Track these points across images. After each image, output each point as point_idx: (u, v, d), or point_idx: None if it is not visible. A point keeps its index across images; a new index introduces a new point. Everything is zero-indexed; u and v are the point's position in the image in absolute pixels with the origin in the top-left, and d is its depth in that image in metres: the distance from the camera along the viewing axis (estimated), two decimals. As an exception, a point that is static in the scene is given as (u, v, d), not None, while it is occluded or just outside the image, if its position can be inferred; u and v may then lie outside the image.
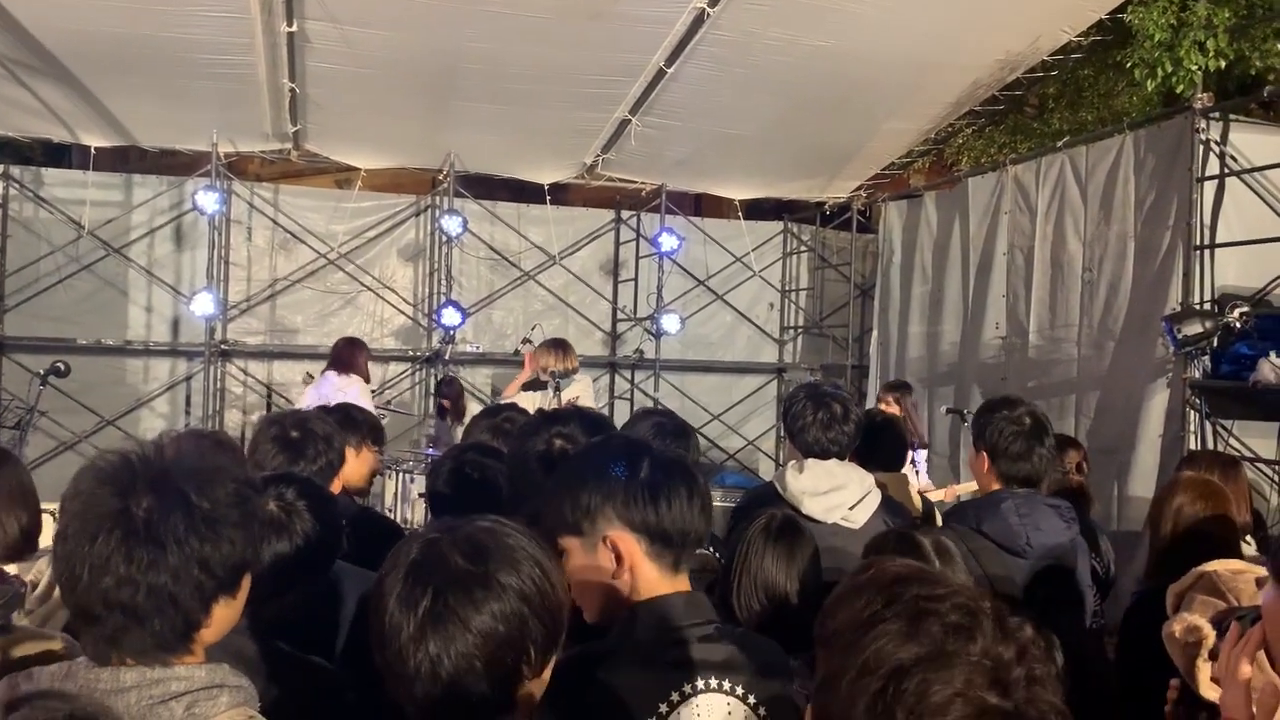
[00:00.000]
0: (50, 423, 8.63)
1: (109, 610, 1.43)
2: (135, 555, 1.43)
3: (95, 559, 1.42)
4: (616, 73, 8.18)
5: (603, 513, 1.81)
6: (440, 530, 1.49)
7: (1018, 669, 1.06)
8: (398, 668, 1.41)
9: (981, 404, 3.42)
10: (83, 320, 9.51)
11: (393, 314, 10.51)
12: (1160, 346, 6.65)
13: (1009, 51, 7.99)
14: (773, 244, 11.72)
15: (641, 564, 1.81)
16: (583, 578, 1.83)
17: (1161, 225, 6.84)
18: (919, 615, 1.09)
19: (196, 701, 1.44)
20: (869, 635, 1.10)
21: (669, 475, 1.84)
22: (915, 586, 1.14)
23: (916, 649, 1.06)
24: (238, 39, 7.42)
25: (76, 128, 9.08)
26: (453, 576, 1.41)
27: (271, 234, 10.15)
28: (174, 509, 1.46)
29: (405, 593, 1.41)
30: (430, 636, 1.38)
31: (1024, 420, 3.24)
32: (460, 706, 1.41)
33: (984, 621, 1.08)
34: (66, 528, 1.45)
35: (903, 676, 1.06)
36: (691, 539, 1.86)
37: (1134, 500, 6.76)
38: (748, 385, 11.59)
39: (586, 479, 1.83)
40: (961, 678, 1.04)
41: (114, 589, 1.42)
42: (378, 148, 9.80)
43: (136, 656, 1.46)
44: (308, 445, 3.00)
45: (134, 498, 1.45)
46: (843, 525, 3.13)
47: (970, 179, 9.00)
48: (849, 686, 1.09)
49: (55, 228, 9.51)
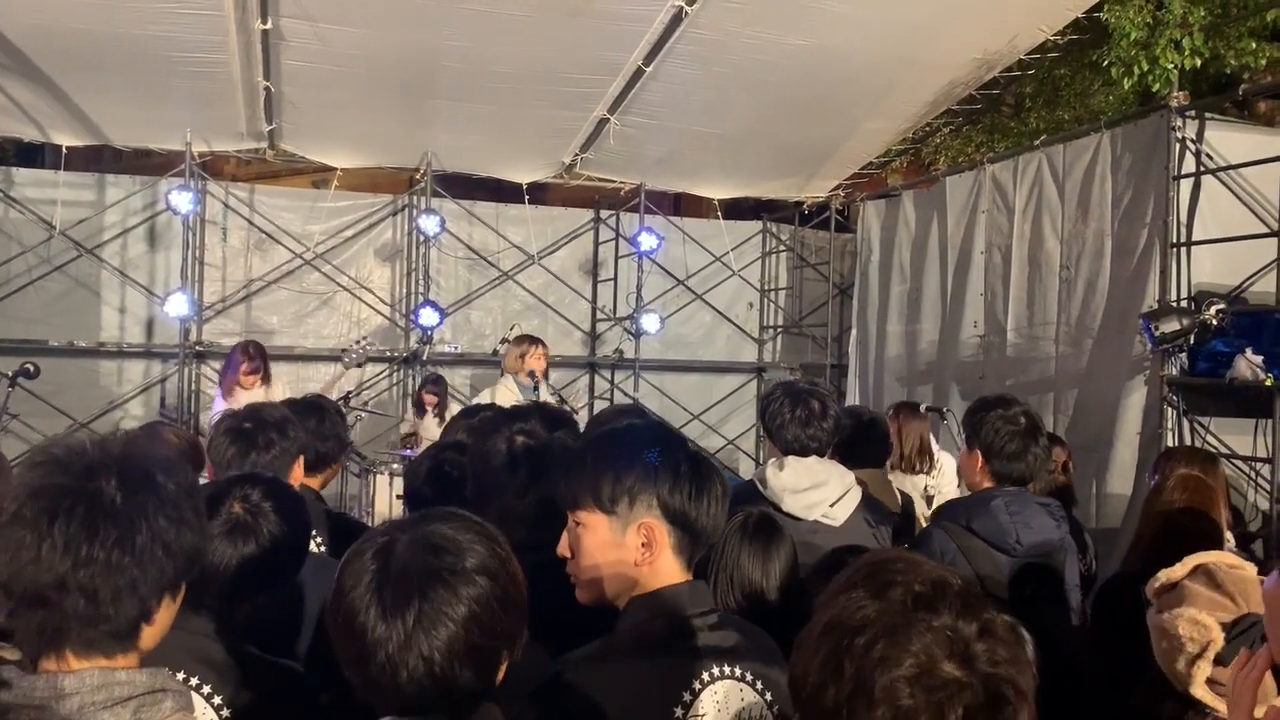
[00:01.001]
0: (22, 426, 8.50)
1: (63, 594, 1.36)
2: (103, 532, 1.38)
3: (55, 538, 1.36)
4: (595, 71, 8.14)
5: (643, 498, 1.81)
6: (389, 535, 1.46)
7: (979, 644, 1.08)
8: (384, 677, 1.39)
9: (974, 402, 3.38)
10: (55, 322, 9.39)
11: (370, 314, 10.44)
12: (1138, 344, 6.68)
13: (986, 50, 8.01)
14: (752, 243, 11.72)
15: (664, 554, 1.83)
16: (599, 556, 1.83)
17: (1138, 223, 6.86)
18: (886, 584, 1.14)
19: (142, 706, 1.39)
20: (838, 600, 1.16)
21: (709, 472, 1.87)
22: (895, 564, 1.18)
23: (874, 612, 1.11)
24: (212, 36, 7.35)
25: (48, 127, 8.96)
26: (426, 575, 1.40)
27: (247, 234, 10.05)
28: (142, 487, 1.43)
29: (383, 604, 1.38)
30: (420, 640, 1.37)
31: (1019, 420, 3.22)
32: (452, 698, 1.41)
33: (949, 595, 1.12)
34: (20, 509, 1.38)
35: (856, 633, 1.11)
36: (713, 539, 1.92)
37: (1112, 497, 6.79)
38: (727, 385, 11.59)
39: (635, 462, 1.83)
40: (919, 642, 1.07)
41: (72, 571, 1.36)
42: (354, 147, 9.72)
43: (83, 649, 1.40)
44: (259, 434, 2.96)
45: (101, 476, 1.41)
46: (823, 522, 3.11)
47: (948, 178, 9.01)
48: (812, 643, 1.15)
49: (26, 228, 9.38)
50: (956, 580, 1.15)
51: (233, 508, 2.21)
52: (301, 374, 9.65)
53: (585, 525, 1.84)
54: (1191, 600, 1.91)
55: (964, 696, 1.05)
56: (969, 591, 1.13)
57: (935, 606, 1.10)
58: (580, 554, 1.86)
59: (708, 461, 1.91)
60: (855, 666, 1.09)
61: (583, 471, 1.87)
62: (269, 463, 2.92)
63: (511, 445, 2.48)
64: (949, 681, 1.05)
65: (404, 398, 10.27)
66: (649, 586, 1.82)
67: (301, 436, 3.17)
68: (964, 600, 1.11)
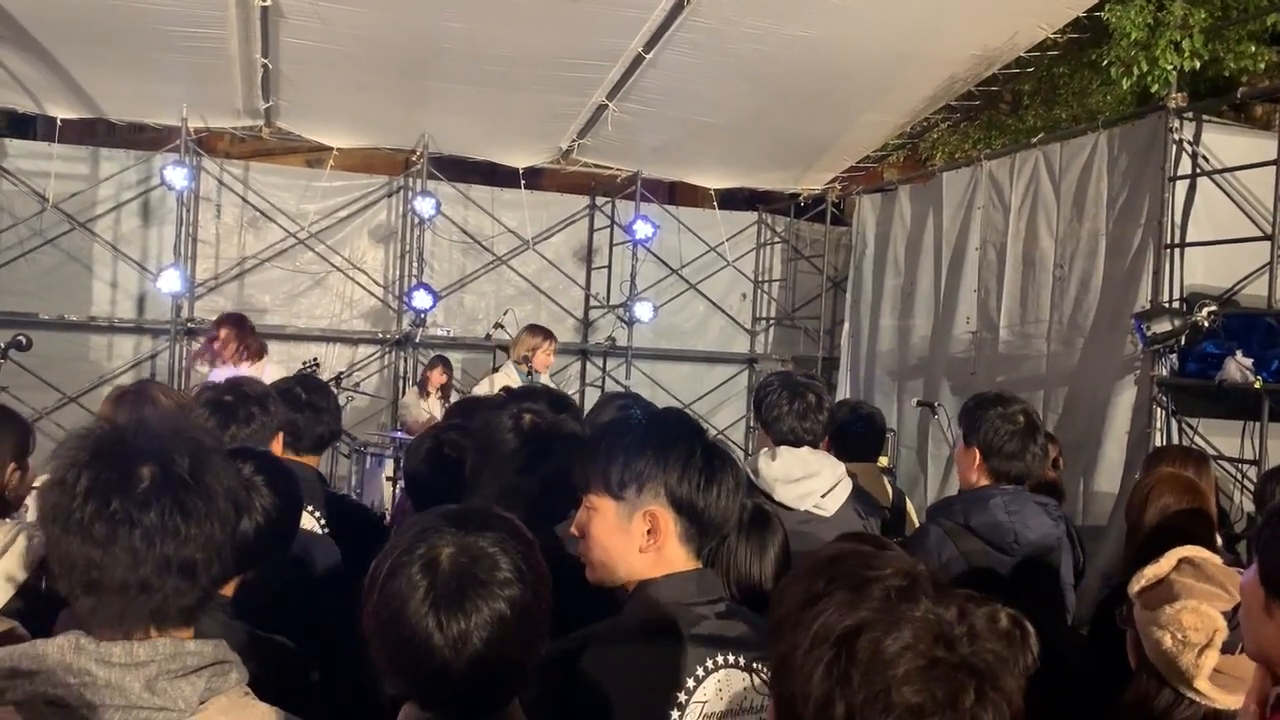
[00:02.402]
0: (10, 398, 8.46)
1: (164, 576, 1.39)
2: (193, 509, 1.41)
3: (149, 521, 1.37)
4: (594, 57, 8.12)
5: (651, 485, 1.83)
6: (432, 545, 1.48)
7: (959, 626, 1.08)
8: (441, 679, 1.43)
9: (971, 399, 3.36)
10: (46, 295, 9.35)
11: (363, 295, 10.41)
12: (1129, 344, 6.70)
13: (986, 47, 8.01)
14: (747, 234, 11.72)
15: (671, 542, 1.84)
16: (606, 540, 1.86)
17: (1133, 223, 6.88)
18: (861, 583, 1.11)
19: (214, 676, 1.42)
20: (814, 609, 1.12)
21: (722, 463, 1.88)
22: (853, 560, 1.16)
23: (863, 613, 1.09)
24: (210, 11, 7.31)
25: (42, 98, 8.90)
26: (476, 585, 1.44)
27: (241, 212, 10.02)
28: (208, 454, 1.47)
29: (438, 615, 1.42)
30: (475, 645, 1.42)
31: (1018, 419, 3.21)
32: (495, 698, 1.47)
33: (923, 584, 1.11)
34: (89, 494, 1.38)
35: (854, 638, 1.08)
36: (723, 530, 1.92)
37: (1099, 495, 6.82)
38: (719, 375, 11.60)
39: (645, 448, 1.85)
40: (910, 633, 1.06)
41: (174, 551, 1.39)
42: (351, 127, 9.68)
43: (158, 626, 1.42)
44: (239, 407, 2.96)
45: (172, 455, 1.43)
46: (814, 513, 3.12)
47: (945, 174, 9.02)
48: (802, 659, 1.11)
49: (18, 200, 9.33)
50: (920, 566, 1.15)
51: None
52: (293, 353, 9.61)
53: (595, 508, 1.87)
54: (1187, 593, 1.91)
55: (968, 678, 1.05)
56: (937, 578, 1.13)
57: (914, 596, 1.09)
58: (589, 536, 1.89)
59: (722, 453, 1.91)
60: (862, 672, 1.06)
61: (595, 455, 1.90)
62: (248, 436, 2.92)
63: (519, 422, 2.48)
64: (956, 666, 1.05)
65: (396, 379, 10.26)
66: (655, 573, 1.83)
67: (282, 413, 3.17)
68: (936, 587, 1.11)
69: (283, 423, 3.13)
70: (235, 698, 1.45)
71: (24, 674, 1.34)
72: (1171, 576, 1.97)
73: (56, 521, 1.39)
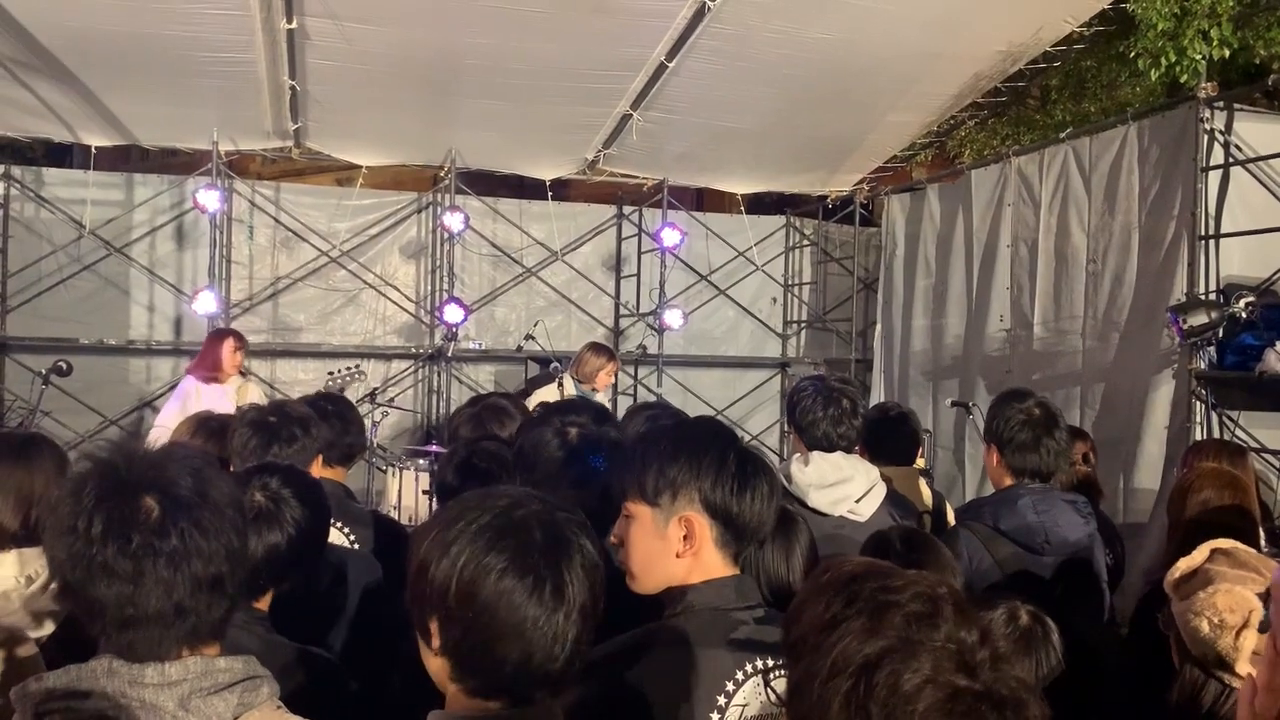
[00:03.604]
0: (53, 423, 8.61)
1: (197, 595, 1.41)
2: (209, 525, 1.43)
3: (171, 547, 1.39)
4: (618, 67, 8.15)
5: (685, 492, 1.85)
6: (508, 511, 1.44)
7: (982, 651, 1.06)
8: (535, 655, 1.39)
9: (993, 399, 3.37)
10: (85, 320, 9.50)
11: (395, 311, 10.49)
12: (1165, 337, 6.62)
13: (1011, 42, 7.96)
14: (775, 238, 11.69)
15: (707, 548, 1.85)
16: (644, 547, 1.88)
17: (1166, 215, 6.81)
18: (880, 608, 1.10)
19: (245, 691, 1.44)
20: (833, 635, 1.11)
21: (756, 470, 1.89)
22: (873, 581, 1.15)
23: (882, 642, 1.07)
24: (238, 36, 7.40)
25: (77, 127, 9.06)
26: (555, 545, 1.42)
27: (273, 232, 10.14)
28: (204, 469, 1.49)
29: (521, 572, 1.38)
30: (571, 616, 1.40)
31: (1032, 410, 3.19)
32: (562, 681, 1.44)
33: (944, 608, 1.10)
34: (105, 536, 1.38)
35: (873, 670, 1.06)
36: (760, 535, 1.93)
37: (1139, 492, 6.74)
38: (751, 380, 11.58)
39: (679, 454, 1.87)
40: (929, 664, 1.05)
41: (203, 569, 1.41)
42: (379, 145, 9.77)
43: (187, 644, 1.44)
44: (282, 429, 3.00)
45: (173, 479, 1.44)
46: (849, 518, 3.10)
47: (973, 171, 8.96)
48: (820, 689, 1.09)
49: (57, 227, 9.50)
50: (944, 589, 1.13)
51: (254, 497, 2.25)
52: (328, 370, 9.70)
53: (633, 516, 1.90)
54: (1220, 579, 1.89)
55: (990, 711, 1.04)
56: (959, 600, 1.12)
57: (935, 621, 1.08)
58: (629, 543, 1.91)
59: (757, 459, 1.92)
60: (882, 706, 1.05)
61: (631, 464, 1.92)
62: (290, 457, 2.96)
63: (564, 437, 2.49)
64: (979, 696, 1.04)
65: (430, 394, 10.32)
66: (692, 579, 1.85)
67: (324, 434, 3.21)
68: (958, 610, 1.10)
69: (324, 444, 3.17)
70: (268, 712, 1.46)
71: (80, 694, 1.37)
72: (1205, 566, 1.95)
73: (77, 568, 1.39)
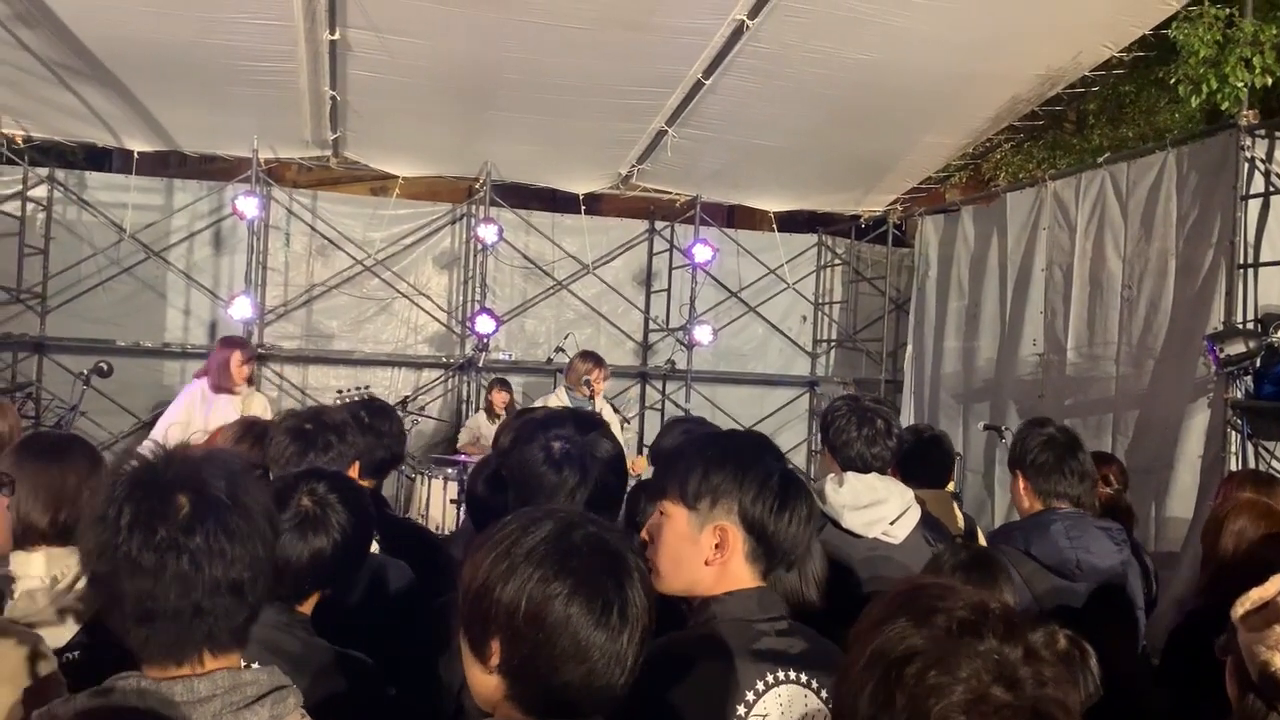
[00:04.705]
0: (89, 423, 8.72)
1: (216, 598, 1.41)
2: (236, 529, 1.43)
3: (195, 545, 1.39)
4: (654, 84, 8.18)
5: (725, 501, 1.86)
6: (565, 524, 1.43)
7: (1024, 669, 1.07)
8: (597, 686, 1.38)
9: None
10: (122, 322, 9.63)
11: (427, 321, 10.57)
12: (1201, 366, 6.57)
13: (1050, 66, 7.93)
14: (806, 256, 11.68)
15: (736, 559, 1.86)
16: (675, 547, 1.89)
17: (1204, 243, 6.76)
18: (928, 612, 1.13)
19: (275, 704, 1.44)
20: (880, 630, 1.15)
21: (798, 493, 1.89)
22: (928, 591, 1.18)
23: (920, 640, 1.10)
24: (280, 46, 7.50)
25: (120, 132, 9.21)
26: (617, 566, 1.41)
27: (309, 240, 10.24)
28: (240, 475, 1.49)
29: (590, 596, 1.37)
30: (633, 640, 1.39)
31: (1054, 434, 3.19)
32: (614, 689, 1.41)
33: (992, 621, 1.11)
34: (132, 527, 1.39)
35: (904, 663, 1.09)
36: (791, 557, 1.92)
37: (1172, 521, 6.68)
38: (780, 398, 11.55)
39: (725, 463, 1.87)
40: (966, 668, 1.07)
41: (223, 572, 1.41)
42: (415, 156, 9.86)
43: (212, 652, 1.44)
44: (318, 435, 3.03)
45: (207, 480, 1.45)
46: (883, 540, 3.09)
47: (1009, 194, 8.94)
48: (858, 675, 1.14)
49: (97, 230, 9.65)
50: (996, 604, 1.15)
51: (301, 501, 2.27)
52: (359, 378, 9.78)
53: (668, 515, 1.91)
54: None
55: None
56: (1010, 614, 1.13)
57: (980, 631, 1.09)
58: (659, 542, 1.92)
59: (799, 482, 1.93)
60: (907, 697, 1.08)
61: (677, 464, 1.93)
62: (326, 464, 2.98)
63: (550, 451, 2.42)
64: (1001, 706, 1.05)
65: (460, 403, 10.37)
66: (717, 589, 1.86)
67: (359, 442, 3.23)
68: (1006, 624, 1.11)
69: (359, 451, 3.19)
70: None
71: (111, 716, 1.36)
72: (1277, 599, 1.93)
73: (103, 558, 1.40)
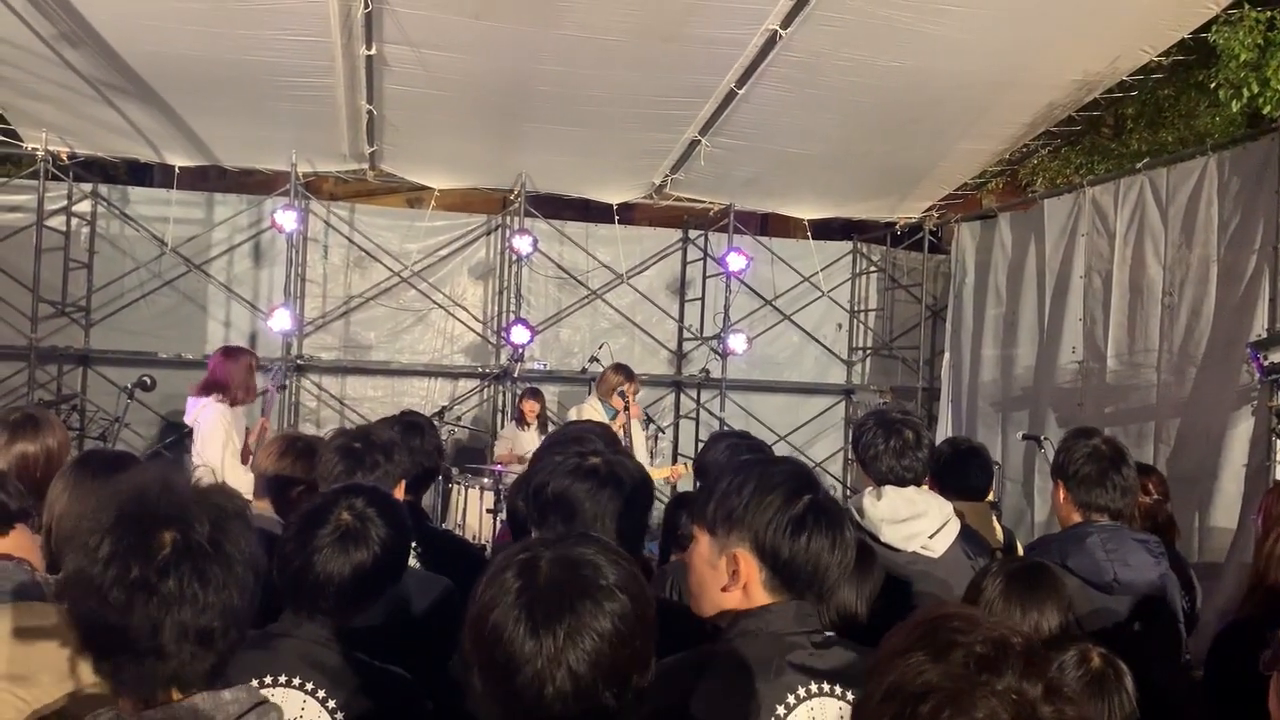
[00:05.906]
0: (131, 434, 8.85)
1: (181, 643, 1.40)
2: (212, 577, 1.41)
3: (167, 589, 1.38)
4: (687, 94, 8.20)
5: (739, 530, 1.86)
6: (531, 552, 1.45)
7: (1045, 707, 1.05)
8: (529, 692, 1.37)
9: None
10: (164, 335, 9.77)
11: (463, 331, 10.64)
12: (1244, 373, 6.47)
13: (1087, 72, 7.86)
14: (841, 264, 11.64)
15: (754, 587, 1.86)
16: (700, 572, 1.92)
17: (1246, 249, 6.66)
18: (947, 646, 1.11)
19: (260, 716, 1.45)
20: (898, 662, 1.12)
21: (823, 519, 1.86)
22: (951, 622, 1.15)
23: (937, 676, 1.08)
24: (318, 62, 7.59)
25: (162, 148, 9.35)
26: (574, 590, 1.39)
27: (347, 252, 10.36)
28: (228, 520, 1.47)
29: (533, 619, 1.37)
30: (569, 654, 1.36)
31: (1099, 446, 3.15)
32: (591, 716, 1.39)
33: (1011, 655, 1.09)
34: (110, 560, 1.38)
35: (919, 700, 1.07)
36: (822, 583, 1.89)
37: (1216, 531, 6.58)
38: (815, 406, 11.51)
39: (743, 491, 1.88)
40: (983, 708, 1.04)
41: (191, 618, 1.40)
42: (451, 168, 9.94)
43: (184, 686, 1.43)
44: (366, 454, 3.07)
45: (192, 521, 1.44)
46: (922, 554, 3.07)
47: (1046, 200, 8.86)
48: (874, 709, 1.12)
49: (140, 244, 9.81)
50: (1018, 638, 1.12)
51: (341, 516, 2.29)
52: (397, 388, 9.87)
53: (696, 539, 1.94)
54: None
55: None
56: (1032, 649, 1.10)
57: (998, 668, 1.07)
58: (690, 565, 1.96)
59: (832, 510, 1.88)
60: None
61: (707, 491, 1.96)
62: (374, 482, 3.01)
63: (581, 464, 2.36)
64: None
65: (495, 413, 10.43)
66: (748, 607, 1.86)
67: (405, 461, 3.27)
68: (1027, 660, 1.08)
69: (405, 471, 3.23)
70: None
71: None
72: None
73: (78, 585, 1.40)
